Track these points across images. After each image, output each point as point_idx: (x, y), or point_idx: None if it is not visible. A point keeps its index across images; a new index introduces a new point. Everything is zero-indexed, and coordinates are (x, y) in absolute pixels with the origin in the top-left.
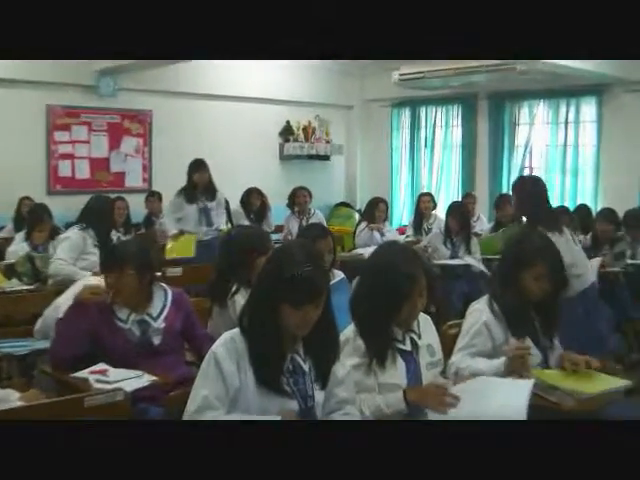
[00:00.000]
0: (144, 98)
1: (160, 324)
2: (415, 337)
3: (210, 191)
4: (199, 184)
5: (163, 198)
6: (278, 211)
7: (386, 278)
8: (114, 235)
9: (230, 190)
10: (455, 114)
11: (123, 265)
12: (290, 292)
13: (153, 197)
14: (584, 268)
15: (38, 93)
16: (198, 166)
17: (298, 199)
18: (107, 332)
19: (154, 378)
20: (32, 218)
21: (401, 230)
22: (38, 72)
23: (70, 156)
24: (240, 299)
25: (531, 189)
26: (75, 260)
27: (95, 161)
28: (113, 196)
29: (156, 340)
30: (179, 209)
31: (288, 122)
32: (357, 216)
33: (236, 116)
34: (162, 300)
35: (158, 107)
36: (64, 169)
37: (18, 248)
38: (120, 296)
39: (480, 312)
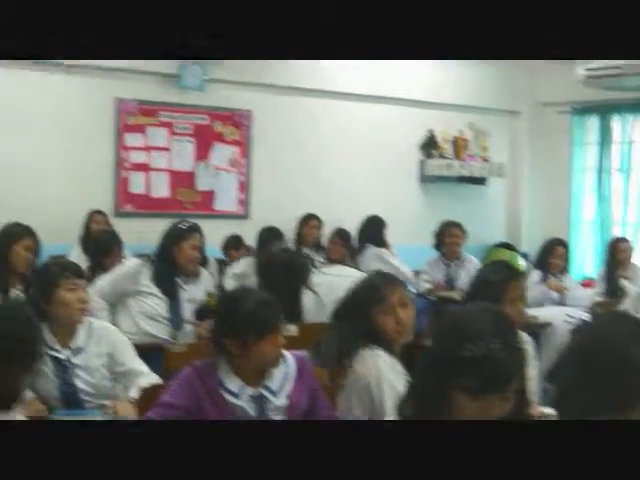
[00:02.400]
0: (241, 93)
1: (282, 401)
2: None
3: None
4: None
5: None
6: (415, 251)
7: (610, 369)
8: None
9: (353, 220)
10: None
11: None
12: (466, 375)
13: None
14: None
15: (105, 82)
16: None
17: (448, 239)
18: (212, 408)
19: None
20: (98, 249)
21: (586, 284)
22: None
23: (144, 167)
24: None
25: None
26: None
27: (177, 175)
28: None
29: None
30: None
31: (431, 132)
32: (521, 261)
33: (361, 121)
34: (283, 369)
35: (259, 106)
36: (137, 184)
37: None
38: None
39: None
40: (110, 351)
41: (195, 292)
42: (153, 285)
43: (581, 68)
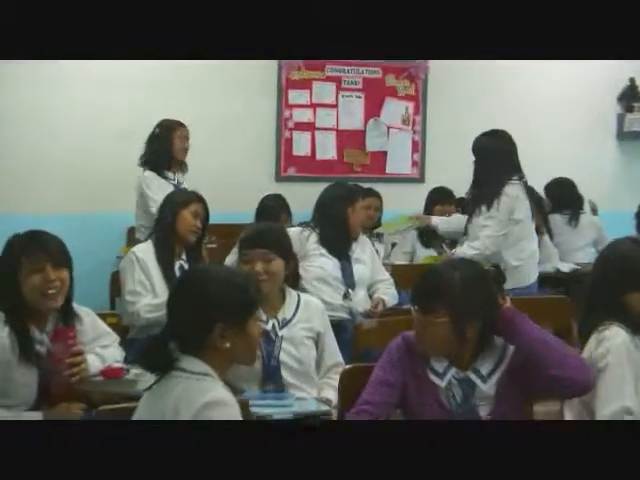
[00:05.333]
0: None
1: (490, 388)
2: None
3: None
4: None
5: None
6: (612, 218)
7: None
8: None
9: (542, 184)
10: None
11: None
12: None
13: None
14: None
15: None
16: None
17: None
18: (415, 387)
19: None
20: (265, 215)
21: None
22: None
23: (309, 126)
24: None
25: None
26: None
27: (345, 134)
28: (366, 186)
29: (483, 411)
30: None
31: (632, 81)
32: None
33: (549, 72)
34: (497, 353)
35: None
36: (301, 145)
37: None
38: (430, 345)
39: None
40: (320, 331)
41: (359, 253)
42: (321, 247)
43: None
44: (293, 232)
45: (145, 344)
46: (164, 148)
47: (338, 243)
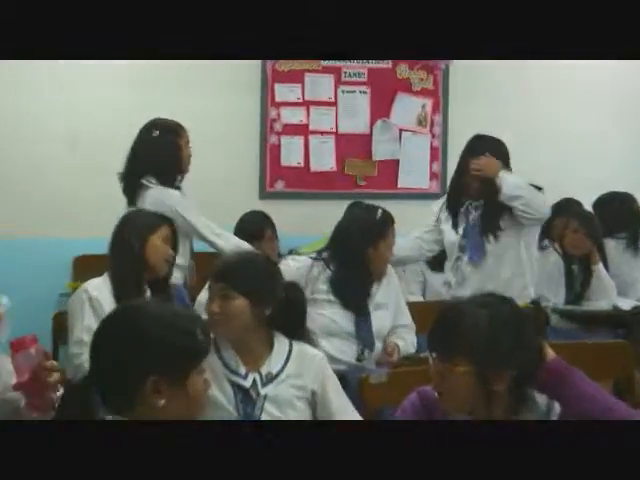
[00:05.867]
0: None
1: None
2: None
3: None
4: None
5: None
6: None
7: None
8: None
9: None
10: None
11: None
12: None
13: None
14: None
15: None
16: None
17: None
18: None
19: None
20: (242, 237)
21: None
22: None
23: (302, 129)
24: None
25: None
26: None
27: (346, 140)
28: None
29: None
30: None
31: None
32: None
33: (601, 67)
34: (539, 414)
35: None
36: (291, 153)
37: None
38: (450, 399)
39: None
40: (315, 389)
41: (381, 295)
42: (332, 294)
43: None
44: (300, 264)
45: (63, 397)
46: (175, 157)
47: (354, 293)
